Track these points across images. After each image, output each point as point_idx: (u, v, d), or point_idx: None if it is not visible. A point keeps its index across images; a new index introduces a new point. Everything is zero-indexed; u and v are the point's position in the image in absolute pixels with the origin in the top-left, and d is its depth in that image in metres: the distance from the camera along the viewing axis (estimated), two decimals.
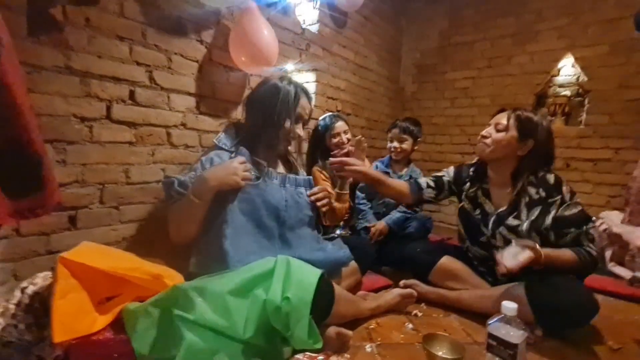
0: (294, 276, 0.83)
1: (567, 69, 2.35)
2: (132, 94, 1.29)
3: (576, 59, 2.30)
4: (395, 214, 1.91)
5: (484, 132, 1.33)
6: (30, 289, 0.90)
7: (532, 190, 1.27)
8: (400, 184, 1.52)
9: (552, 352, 1.09)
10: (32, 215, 0.72)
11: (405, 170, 2.00)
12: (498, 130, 1.29)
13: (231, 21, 1.58)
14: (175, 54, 1.40)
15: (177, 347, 0.75)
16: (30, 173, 0.71)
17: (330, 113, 1.97)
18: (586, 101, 2.30)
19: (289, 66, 1.93)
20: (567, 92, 2.34)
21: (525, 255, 1.09)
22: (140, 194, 1.34)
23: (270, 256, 0.97)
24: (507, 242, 1.26)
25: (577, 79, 2.32)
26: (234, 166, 1.10)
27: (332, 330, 1.01)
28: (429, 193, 1.50)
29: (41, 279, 0.92)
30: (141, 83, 1.31)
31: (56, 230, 1.13)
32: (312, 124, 1.95)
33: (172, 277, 0.90)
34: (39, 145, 0.72)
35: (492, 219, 1.32)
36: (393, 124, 2.02)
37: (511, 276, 1.12)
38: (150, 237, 1.36)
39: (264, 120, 1.22)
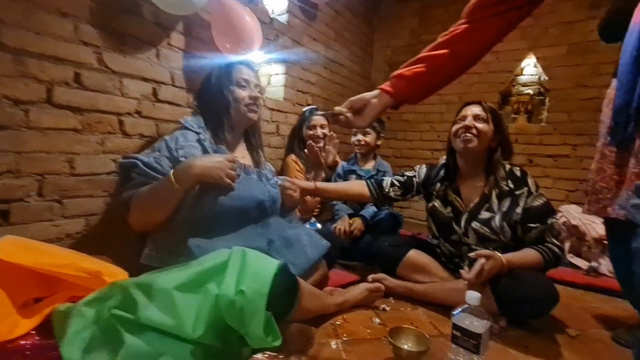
0: (250, 268, 0.77)
1: (530, 69, 2.44)
2: (77, 77, 1.17)
3: (538, 58, 2.39)
4: (370, 208, 1.89)
5: (467, 123, 1.29)
6: None
7: (502, 183, 1.30)
8: (355, 185, 1.51)
9: (515, 341, 1.10)
10: None
11: (371, 164, 1.99)
12: (479, 121, 1.29)
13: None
14: (129, 35, 1.30)
15: (115, 352, 0.67)
16: None
17: (313, 106, 1.95)
18: (547, 100, 2.39)
19: (258, 56, 1.86)
20: (530, 91, 2.43)
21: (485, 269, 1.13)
22: (88, 186, 1.22)
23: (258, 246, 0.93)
24: (480, 238, 1.28)
25: (539, 78, 2.41)
26: (221, 161, 1.03)
27: (294, 327, 0.96)
28: (395, 192, 1.50)
29: None
30: (88, 65, 1.20)
31: None
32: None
33: (114, 274, 0.80)
34: None
35: (464, 216, 1.33)
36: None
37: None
38: (99, 234, 1.24)
39: (212, 103, 1.19)
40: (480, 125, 1.28)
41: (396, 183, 1.51)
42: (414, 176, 1.52)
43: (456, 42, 0.73)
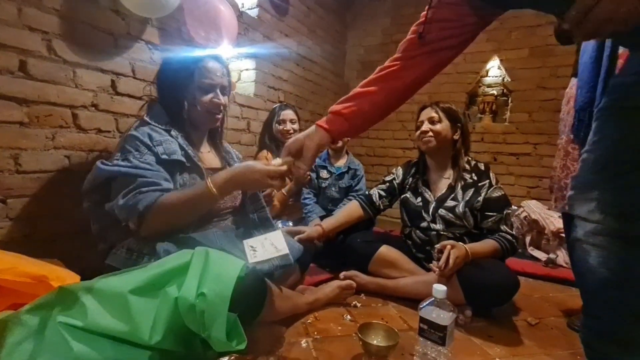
0: (213, 269, 0.73)
1: (494, 70, 2.54)
2: (23, 65, 1.07)
3: (501, 61, 2.49)
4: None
5: (423, 128, 1.42)
6: None
7: (466, 176, 1.41)
8: (353, 211, 1.56)
9: (480, 330, 1.14)
10: None
11: (343, 161, 1.99)
12: (433, 123, 1.41)
13: None
14: (83, 22, 1.21)
15: None
16: None
17: (283, 103, 1.94)
18: (510, 100, 2.50)
19: (228, 50, 1.80)
20: (494, 92, 2.53)
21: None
22: (36, 184, 1.12)
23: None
24: (447, 223, 1.38)
25: (503, 79, 2.52)
26: (260, 176, 0.91)
27: (264, 327, 0.93)
28: (383, 203, 1.58)
29: None
30: (36, 53, 1.10)
31: None
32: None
33: (62, 278, 0.73)
34: None
35: (432, 205, 1.42)
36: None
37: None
38: (49, 237, 1.15)
39: (172, 100, 1.06)
40: (434, 127, 1.41)
41: (383, 194, 1.58)
42: (394, 179, 1.61)
43: (390, 79, 0.75)
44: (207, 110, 1.07)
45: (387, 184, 1.60)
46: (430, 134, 1.40)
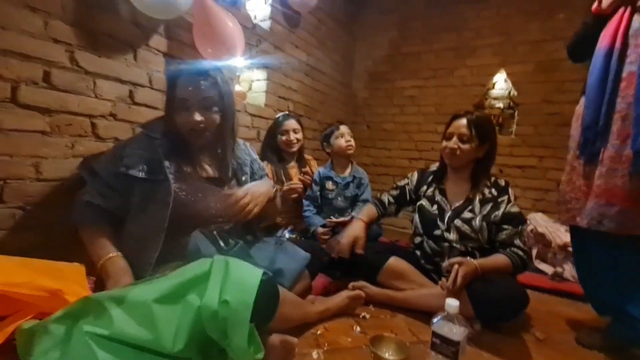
0: (233, 277, 0.74)
1: (500, 83, 2.57)
2: (47, 76, 1.11)
3: (508, 74, 2.52)
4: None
5: (451, 145, 1.39)
6: None
7: (485, 190, 1.41)
8: (372, 212, 1.57)
9: (489, 344, 1.14)
10: None
11: (348, 171, 1.99)
12: (463, 142, 1.38)
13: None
14: (105, 34, 1.24)
15: None
16: None
17: (285, 112, 1.94)
18: (516, 113, 2.53)
19: (239, 61, 1.84)
20: (501, 105, 2.56)
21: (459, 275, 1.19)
22: (54, 191, 1.15)
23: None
24: (461, 235, 1.37)
25: (509, 92, 2.55)
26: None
27: (275, 337, 0.94)
28: (390, 210, 1.60)
29: None
30: (59, 64, 1.13)
31: None
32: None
33: (77, 294, 0.75)
34: None
35: (448, 214, 1.42)
36: (334, 126, 1.96)
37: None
38: (64, 242, 1.16)
39: (167, 112, 1.08)
40: (463, 147, 1.38)
41: (392, 200, 1.60)
42: (407, 183, 1.60)
43: None
44: (186, 131, 1.05)
45: (399, 189, 1.60)
46: (458, 152, 1.38)
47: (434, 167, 1.60)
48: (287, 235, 1.72)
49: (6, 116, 1.03)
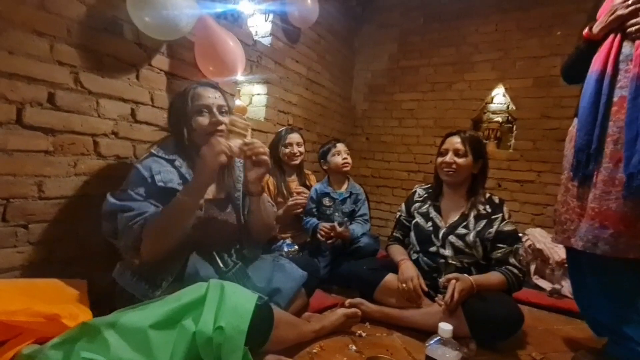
0: (228, 302, 0.76)
1: (499, 98, 2.60)
2: (51, 97, 1.14)
3: (506, 89, 2.55)
4: (356, 228, 1.90)
5: (447, 159, 1.43)
6: None
7: (480, 207, 1.43)
8: (402, 249, 1.59)
9: None
10: None
11: (344, 187, 2.01)
12: (459, 156, 1.42)
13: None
14: (109, 55, 1.28)
15: None
16: None
17: (289, 127, 1.98)
18: (514, 128, 2.55)
19: (240, 77, 1.87)
20: (499, 119, 2.58)
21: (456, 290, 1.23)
22: (57, 210, 1.17)
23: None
24: (456, 251, 1.40)
25: (507, 107, 2.57)
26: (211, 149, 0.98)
27: (270, 358, 0.95)
28: (407, 242, 1.62)
29: None
30: (64, 85, 1.16)
31: None
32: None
33: (75, 316, 0.76)
34: None
35: (443, 230, 1.45)
36: (332, 143, 1.99)
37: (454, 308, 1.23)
38: (65, 259, 1.19)
39: (178, 129, 1.13)
40: (459, 161, 1.42)
41: (402, 235, 1.64)
42: (400, 215, 1.66)
43: None
44: (206, 133, 1.10)
45: (399, 223, 1.65)
46: (454, 166, 1.42)
47: (422, 187, 1.64)
48: (285, 249, 1.74)
49: (11, 137, 1.05)
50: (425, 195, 1.59)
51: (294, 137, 1.91)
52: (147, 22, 1.27)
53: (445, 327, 0.90)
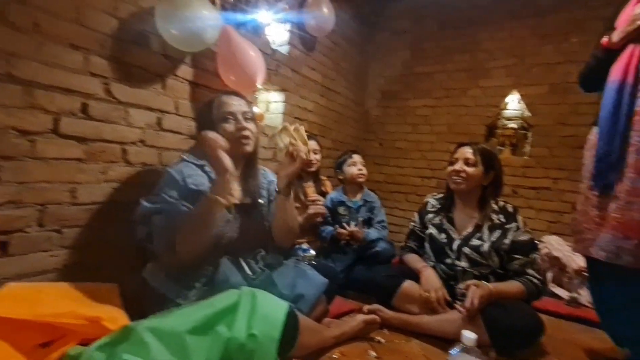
0: (260, 310, 0.79)
1: (514, 104, 2.59)
2: (84, 107, 1.19)
3: (521, 95, 2.54)
4: (372, 232, 1.92)
5: (456, 168, 1.44)
6: None
7: (494, 216, 1.43)
8: (419, 257, 1.60)
9: None
10: None
11: (359, 195, 2.04)
12: (469, 165, 1.43)
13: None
14: (137, 66, 1.33)
15: None
16: None
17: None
18: (530, 134, 2.54)
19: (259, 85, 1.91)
20: (514, 125, 2.57)
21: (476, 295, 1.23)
22: (88, 215, 1.22)
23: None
24: (472, 262, 1.39)
25: (522, 113, 2.56)
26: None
27: None
28: (422, 251, 1.63)
29: None
30: (96, 95, 1.21)
31: None
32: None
33: (114, 319, 0.80)
34: None
35: (457, 242, 1.45)
36: (348, 154, 2.04)
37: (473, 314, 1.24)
38: (95, 263, 1.23)
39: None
40: (469, 170, 1.42)
41: (417, 245, 1.65)
42: (414, 226, 1.66)
43: None
44: (233, 139, 1.13)
45: (413, 234, 1.65)
46: (463, 174, 1.42)
47: (434, 197, 1.63)
48: (301, 254, 1.76)
49: (48, 146, 1.11)
50: (438, 206, 1.59)
51: (311, 145, 1.93)
52: (174, 34, 1.32)
53: (469, 336, 0.91)
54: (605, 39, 1.15)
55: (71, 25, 1.13)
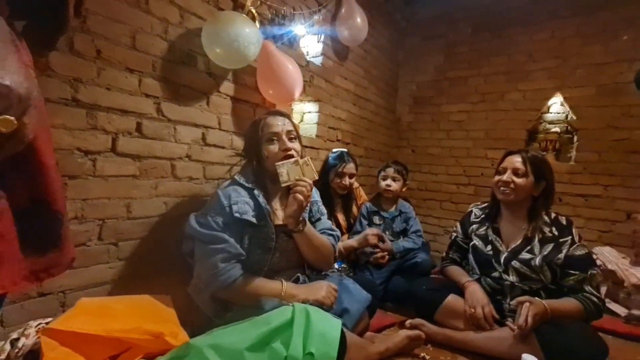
0: (315, 328, 0.79)
1: (557, 107, 2.46)
2: (138, 126, 1.25)
3: (565, 98, 2.41)
4: (402, 242, 1.89)
5: (504, 178, 1.37)
6: (22, 342, 0.82)
7: (545, 229, 1.35)
8: (462, 270, 1.55)
9: None
10: (46, 275, 0.67)
11: (394, 207, 2.02)
12: (518, 176, 1.35)
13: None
14: (185, 86, 1.39)
15: None
16: (51, 232, 0.68)
17: (343, 150, 1.99)
18: (575, 138, 2.40)
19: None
20: (557, 129, 2.44)
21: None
22: (141, 229, 1.28)
23: None
24: (521, 276, 1.32)
25: (566, 117, 2.43)
26: (326, 292, 1.10)
27: None
28: (464, 263, 1.58)
29: (34, 330, 0.85)
30: (148, 115, 1.28)
31: None
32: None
33: (175, 334, 0.84)
34: (61, 203, 0.70)
35: (504, 255, 1.38)
36: (386, 164, 2.03)
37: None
38: (146, 274, 1.29)
39: (251, 156, 1.25)
40: (518, 180, 1.34)
41: (460, 257, 1.60)
42: (456, 236, 1.61)
43: None
44: (277, 159, 1.17)
45: (455, 245, 1.60)
46: (512, 185, 1.35)
47: (473, 206, 1.58)
48: (337, 266, 1.76)
49: (106, 164, 1.18)
50: (482, 216, 1.52)
51: (349, 169, 1.87)
52: (219, 53, 1.37)
53: (530, 359, 0.87)
54: None
55: (127, 50, 1.20)
